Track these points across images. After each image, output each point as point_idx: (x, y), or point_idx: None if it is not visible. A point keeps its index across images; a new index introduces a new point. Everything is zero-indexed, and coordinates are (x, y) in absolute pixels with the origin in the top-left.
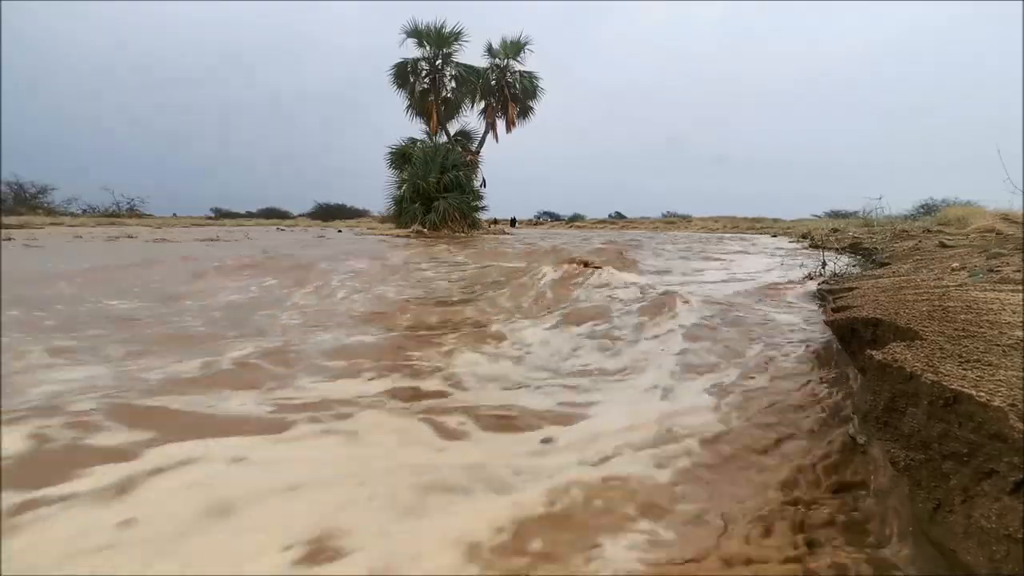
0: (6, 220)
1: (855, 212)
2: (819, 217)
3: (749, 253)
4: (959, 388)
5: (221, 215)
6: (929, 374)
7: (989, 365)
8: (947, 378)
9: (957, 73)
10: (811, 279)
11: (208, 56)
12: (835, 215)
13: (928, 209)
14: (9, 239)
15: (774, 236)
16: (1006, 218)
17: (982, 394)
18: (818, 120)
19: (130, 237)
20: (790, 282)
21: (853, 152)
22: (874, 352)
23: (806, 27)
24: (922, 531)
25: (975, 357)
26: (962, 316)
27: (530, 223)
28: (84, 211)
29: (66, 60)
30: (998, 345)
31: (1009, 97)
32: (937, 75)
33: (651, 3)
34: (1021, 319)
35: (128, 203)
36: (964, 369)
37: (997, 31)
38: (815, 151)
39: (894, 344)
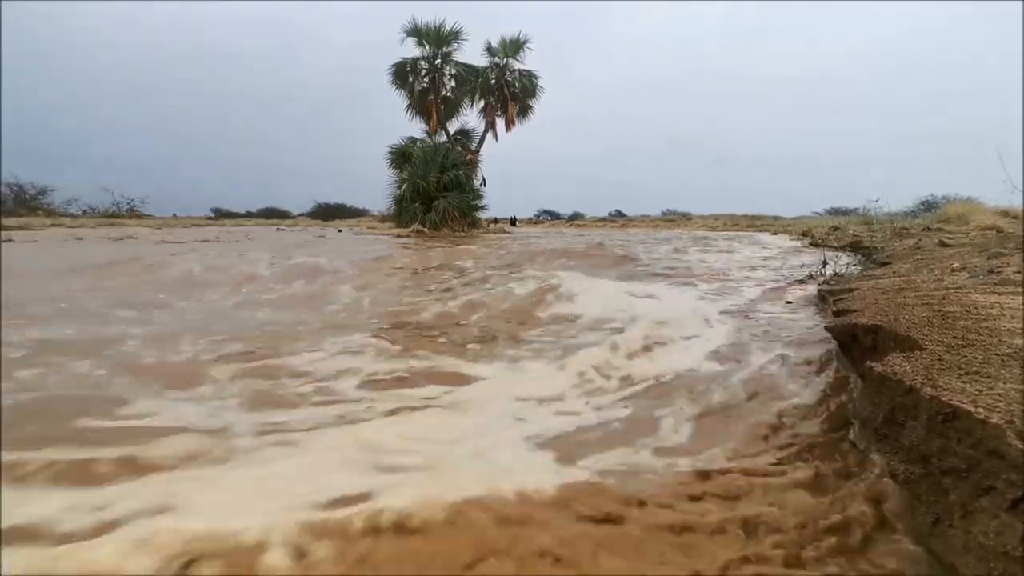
0: (6, 222)
1: (855, 209)
2: (819, 215)
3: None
4: (958, 404)
5: (221, 215)
6: (928, 388)
7: (988, 377)
8: (946, 392)
9: (957, 73)
10: (811, 279)
11: (207, 56)
12: (835, 212)
13: (929, 206)
14: (10, 240)
15: (774, 234)
16: (1006, 215)
17: (980, 410)
18: (819, 119)
19: (131, 238)
20: None
21: (854, 151)
22: (874, 364)
23: (806, 27)
24: (922, 543)
25: (974, 369)
26: (961, 323)
27: (530, 222)
28: (84, 212)
29: (66, 62)
30: (997, 355)
31: (1009, 97)
32: (937, 75)
33: (651, 3)
34: (1020, 325)
35: (128, 204)
36: (963, 382)
37: (997, 31)
38: (815, 150)
39: (893, 355)
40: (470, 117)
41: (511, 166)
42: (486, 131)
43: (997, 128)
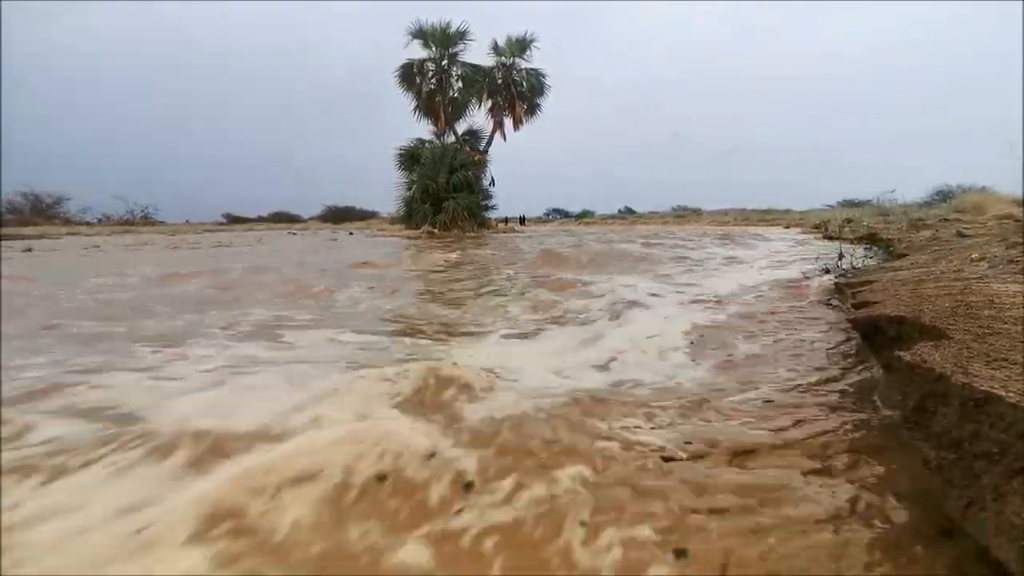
0: (24, 231)
1: (868, 201)
2: (831, 207)
3: None
4: (989, 389)
5: (233, 220)
6: (959, 375)
7: (1016, 364)
8: (977, 379)
9: (958, 73)
10: (827, 272)
11: (211, 57)
12: (848, 204)
13: (944, 196)
14: (29, 249)
15: (787, 227)
16: (1021, 204)
17: (1011, 394)
18: (821, 117)
19: (145, 244)
20: None
21: (856, 149)
22: (902, 353)
23: (806, 26)
24: (955, 527)
25: (1002, 356)
26: (986, 312)
27: (539, 221)
28: (99, 220)
29: (67, 60)
30: (1023, 342)
31: (1009, 97)
32: (937, 75)
33: (651, 3)
34: None
35: (142, 211)
36: (992, 369)
37: (997, 31)
38: (820, 147)
39: (921, 344)
40: (478, 117)
41: (519, 165)
42: (494, 131)
43: (998, 128)
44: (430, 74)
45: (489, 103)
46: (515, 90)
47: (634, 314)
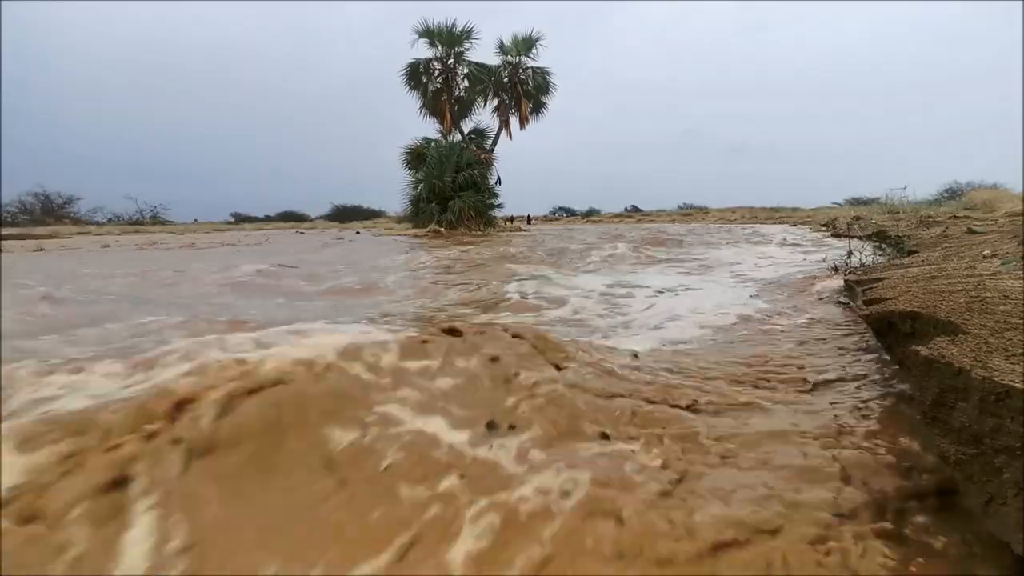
0: (36, 231)
1: (876, 198)
2: (839, 205)
3: None
4: (1011, 383)
5: (241, 219)
6: (979, 369)
7: None
8: (997, 373)
9: (959, 72)
10: (836, 271)
11: (218, 57)
12: (856, 202)
13: (953, 193)
14: (40, 249)
15: (794, 225)
16: None
17: None
18: (832, 112)
19: (152, 244)
20: None
21: (866, 144)
22: (919, 348)
23: (811, 22)
24: (975, 523)
25: (1020, 350)
26: (1002, 307)
27: (545, 219)
28: (109, 220)
29: (66, 61)
30: None
31: (1008, 96)
32: (939, 73)
33: (653, 2)
34: None
35: (151, 211)
36: (1012, 363)
37: (997, 30)
38: (824, 144)
39: (938, 339)
40: (484, 116)
41: (525, 164)
42: (500, 129)
43: (999, 127)
44: (436, 73)
45: (495, 102)
46: (521, 88)
47: None
